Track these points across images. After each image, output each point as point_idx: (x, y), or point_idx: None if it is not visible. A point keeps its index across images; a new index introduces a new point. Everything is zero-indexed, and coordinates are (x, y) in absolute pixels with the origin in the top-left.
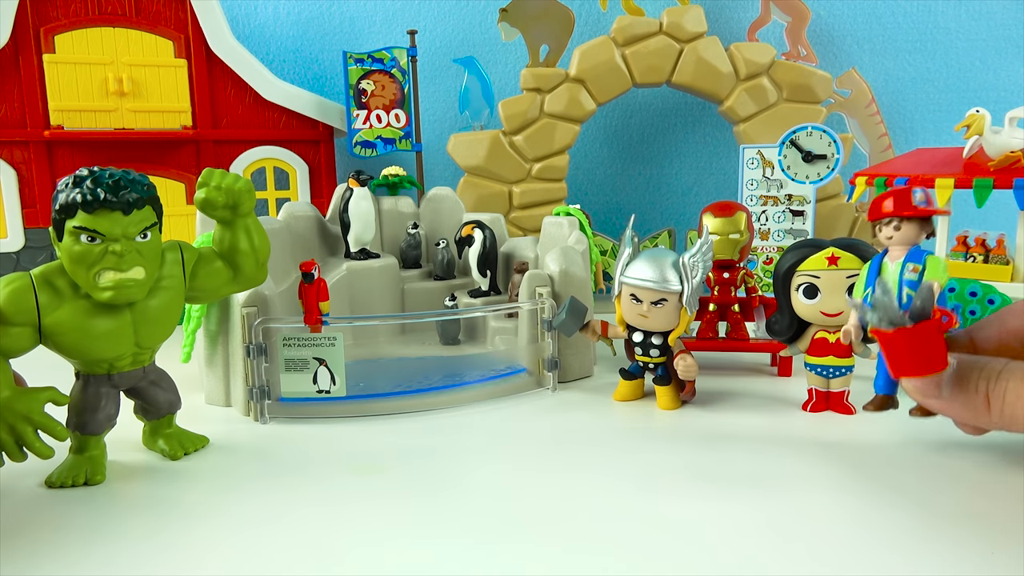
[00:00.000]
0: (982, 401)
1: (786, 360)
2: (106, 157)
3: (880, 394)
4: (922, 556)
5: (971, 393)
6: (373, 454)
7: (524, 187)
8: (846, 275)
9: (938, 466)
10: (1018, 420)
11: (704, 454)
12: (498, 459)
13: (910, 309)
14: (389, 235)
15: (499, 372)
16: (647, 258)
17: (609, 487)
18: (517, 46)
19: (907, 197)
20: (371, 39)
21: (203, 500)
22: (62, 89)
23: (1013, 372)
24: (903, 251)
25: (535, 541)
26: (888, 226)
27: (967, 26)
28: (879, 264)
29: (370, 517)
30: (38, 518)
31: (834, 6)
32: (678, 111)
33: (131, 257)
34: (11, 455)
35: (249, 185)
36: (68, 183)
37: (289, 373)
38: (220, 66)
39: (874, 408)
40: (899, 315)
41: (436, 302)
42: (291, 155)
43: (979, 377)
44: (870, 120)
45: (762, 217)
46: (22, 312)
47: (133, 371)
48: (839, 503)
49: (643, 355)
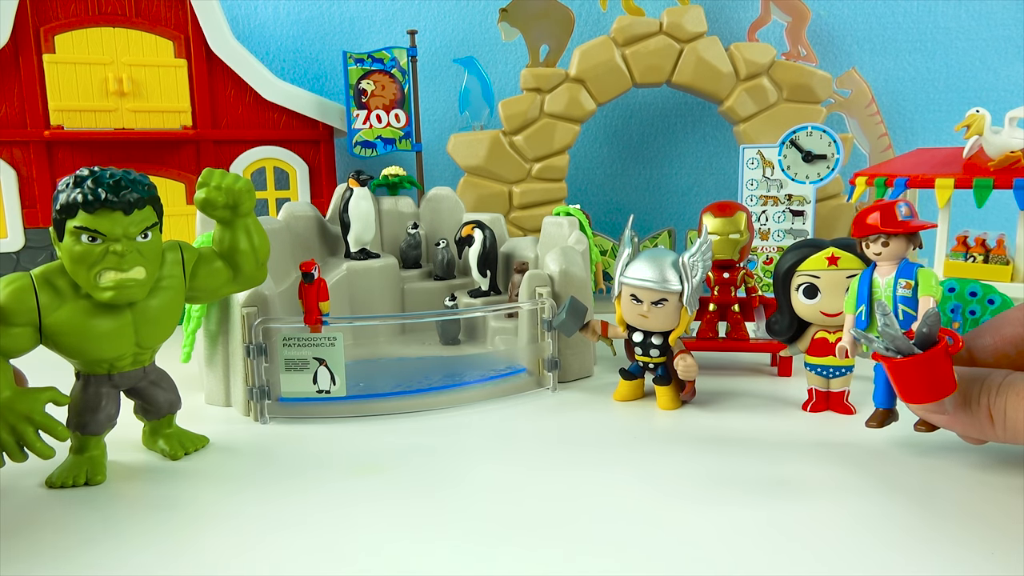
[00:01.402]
0: (984, 415)
1: (786, 360)
2: (106, 157)
3: (880, 408)
4: (923, 556)
5: (973, 408)
6: (373, 454)
7: (524, 187)
8: (846, 275)
9: (939, 466)
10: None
11: (704, 454)
12: (498, 459)
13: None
14: (389, 235)
15: (499, 372)
16: (647, 258)
17: (609, 487)
18: (517, 46)
19: (892, 212)
20: (371, 39)
21: (203, 500)
22: (62, 89)
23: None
24: (892, 266)
25: (535, 541)
26: (876, 242)
27: (967, 26)
28: (869, 280)
29: (370, 517)
30: (38, 518)
31: (834, 6)
32: (678, 111)
33: (132, 257)
34: (12, 455)
35: (249, 185)
36: (69, 183)
37: (289, 373)
38: (220, 66)
39: (876, 424)
40: (907, 344)
41: (436, 302)
42: (291, 155)
43: (980, 391)
44: (870, 120)
45: (762, 217)
46: (23, 312)
47: (133, 371)
48: (840, 503)
49: (643, 355)
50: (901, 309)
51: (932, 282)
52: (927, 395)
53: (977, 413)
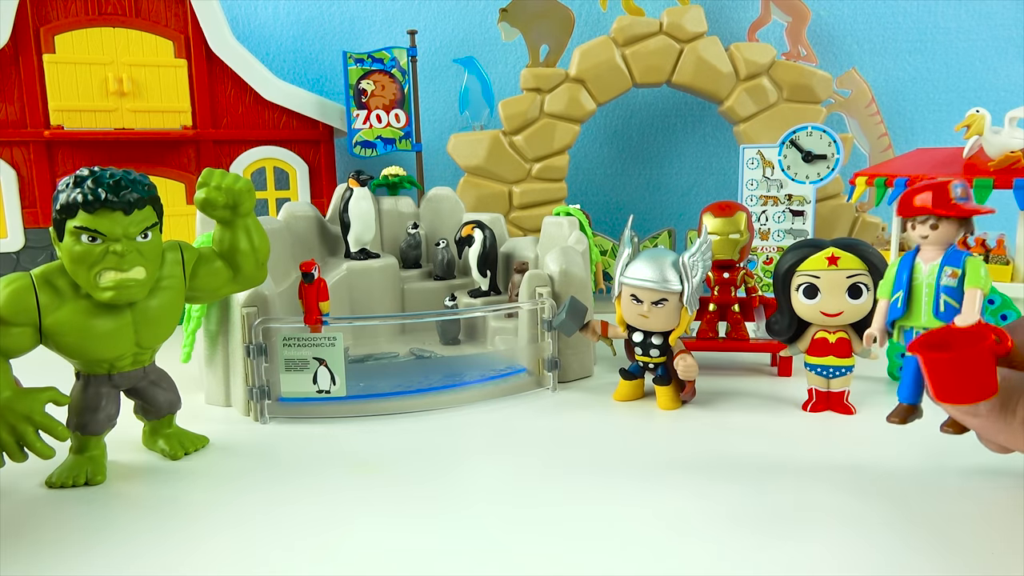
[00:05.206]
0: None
1: (786, 360)
2: (106, 157)
3: (904, 403)
4: (924, 556)
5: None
6: (373, 454)
7: (524, 187)
8: (846, 275)
9: (940, 466)
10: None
11: (704, 454)
12: (498, 459)
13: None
14: (389, 235)
15: (499, 372)
16: (647, 258)
17: (609, 487)
18: (517, 46)
19: (946, 193)
20: (371, 39)
21: (203, 500)
22: (62, 89)
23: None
24: (939, 252)
25: (535, 541)
26: (924, 224)
27: (967, 26)
28: (911, 264)
29: (370, 517)
30: (39, 518)
31: (834, 6)
32: (678, 111)
33: (132, 257)
34: (12, 455)
35: (249, 185)
36: (69, 183)
37: (289, 373)
38: (220, 66)
39: (898, 420)
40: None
41: (436, 302)
42: (291, 155)
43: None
44: (870, 120)
45: (762, 217)
46: (23, 312)
47: (133, 371)
48: (840, 502)
49: (643, 355)
50: (943, 300)
51: (981, 272)
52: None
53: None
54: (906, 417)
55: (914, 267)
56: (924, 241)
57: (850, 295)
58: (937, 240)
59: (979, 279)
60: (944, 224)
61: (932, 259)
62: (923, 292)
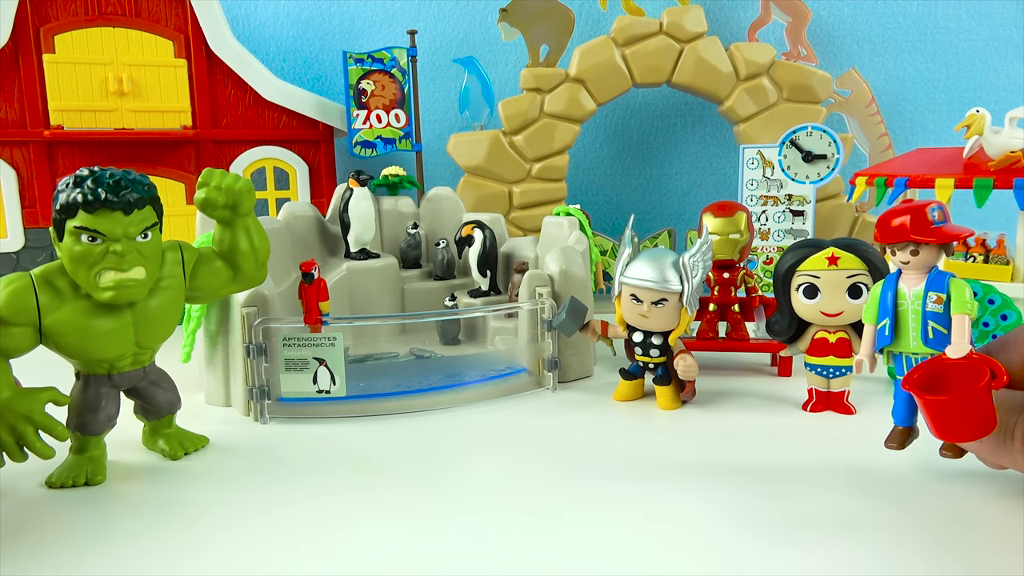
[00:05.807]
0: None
1: (786, 360)
2: (106, 157)
3: (900, 427)
4: (924, 556)
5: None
6: (373, 454)
7: (524, 187)
8: (846, 275)
9: (940, 467)
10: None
11: (704, 454)
12: (498, 459)
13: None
14: (389, 235)
15: (499, 372)
16: (647, 258)
17: (609, 487)
18: (517, 46)
19: (924, 217)
20: (371, 39)
21: (203, 500)
22: (62, 89)
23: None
24: (921, 277)
25: (535, 541)
26: (903, 251)
27: (967, 26)
28: (894, 288)
29: (370, 517)
30: (38, 518)
31: (834, 6)
32: (678, 111)
33: (132, 257)
34: (12, 455)
35: (249, 185)
36: (69, 183)
37: (289, 373)
38: (220, 66)
39: (896, 446)
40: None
41: (436, 302)
42: (291, 155)
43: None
44: (870, 120)
45: (762, 217)
46: (22, 312)
47: (133, 371)
48: (839, 502)
49: (643, 355)
50: (931, 326)
51: (966, 296)
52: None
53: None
54: (903, 441)
55: (898, 292)
56: (906, 267)
57: (850, 295)
58: (918, 266)
59: (964, 304)
60: (924, 250)
61: (915, 285)
62: (909, 318)
